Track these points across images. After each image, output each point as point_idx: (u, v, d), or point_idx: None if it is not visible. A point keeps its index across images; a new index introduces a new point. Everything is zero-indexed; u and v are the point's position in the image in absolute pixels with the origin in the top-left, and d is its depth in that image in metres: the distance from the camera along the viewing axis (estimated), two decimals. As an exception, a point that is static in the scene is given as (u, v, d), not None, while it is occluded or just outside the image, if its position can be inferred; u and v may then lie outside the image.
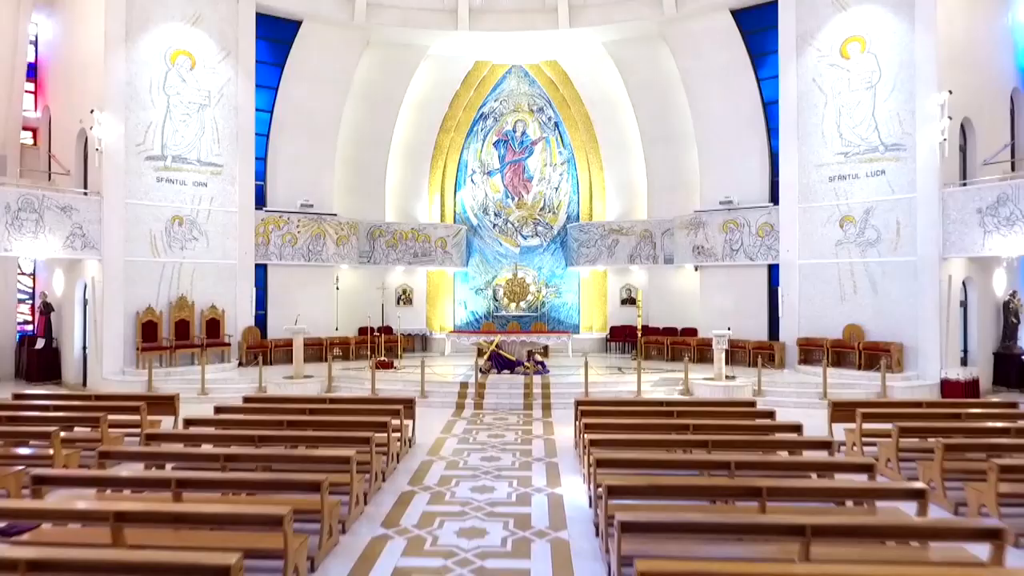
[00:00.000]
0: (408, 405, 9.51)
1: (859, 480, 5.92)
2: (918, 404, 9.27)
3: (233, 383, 13.78)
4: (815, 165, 14.85)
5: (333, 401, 9.52)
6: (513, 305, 20.05)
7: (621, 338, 18.63)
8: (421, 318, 19.56)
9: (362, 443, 7.03)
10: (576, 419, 9.31)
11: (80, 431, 8.67)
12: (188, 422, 8.06)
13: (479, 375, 13.48)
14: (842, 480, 6.12)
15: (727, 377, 13.21)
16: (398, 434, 8.65)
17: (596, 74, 19.12)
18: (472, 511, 6.60)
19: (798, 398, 12.71)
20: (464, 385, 13.04)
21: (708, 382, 12.97)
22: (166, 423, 9.70)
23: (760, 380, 12.94)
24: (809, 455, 7.02)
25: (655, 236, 18.19)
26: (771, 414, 8.53)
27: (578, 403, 9.35)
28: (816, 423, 10.69)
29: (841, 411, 9.11)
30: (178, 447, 7.25)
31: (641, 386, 12.81)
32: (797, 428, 7.60)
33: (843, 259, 14.41)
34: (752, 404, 9.33)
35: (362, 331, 17.79)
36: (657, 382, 13.40)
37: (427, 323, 19.66)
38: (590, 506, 6.66)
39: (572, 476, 7.87)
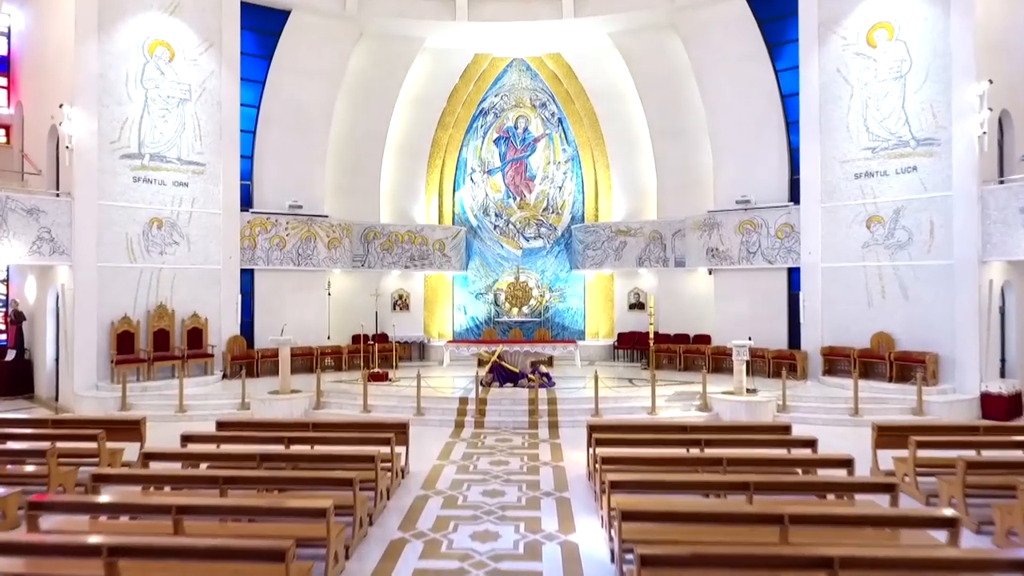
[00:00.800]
0: (401, 430, 8.52)
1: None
2: (975, 429, 8.27)
3: (215, 399, 12.78)
4: (839, 161, 13.84)
5: (317, 427, 8.52)
6: (515, 310, 19.06)
7: (629, 345, 17.63)
8: (418, 325, 18.56)
9: (345, 485, 6.03)
10: (589, 445, 8.33)
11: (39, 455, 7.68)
12: (148, 456, 7.05)
13: (480, 388, 12.49)
14: (918, 540, 5.13)
15: (748, 391, 12.22)
16: (388, 465, 7.66)
17: (602, 67, 18.12)
18: (473, 567, 5.60)
19: (826, 414, 11.71)
20: (464, 401, 12.03)
21: (728, 397, 11.98)
22: (131, 451, 8.69)
23: (785, 394, 11.94)
24: (866, 502, 6.03)
25: (665, 238, 17.19)
26: (811, 443, 7.53)
27: (591, 427, 8.36)
28: (850, 446, 9.71)
29: (888, 436, 8.11)
30: (131, 490, 6.25)
31: (656, 401, 11.82)
32: (847, 463, 6.60)
33: (870, 262, 13.41)
34: (786, 429, 8.33)
35: (356, 339, 16.78)
36: (672, 397, 12.40)
37: (425, 330, 18.66)
38: (612, 561, 5.66)
39: (587, 517, 6.87)
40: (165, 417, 11.99)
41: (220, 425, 8.64)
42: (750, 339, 12.56)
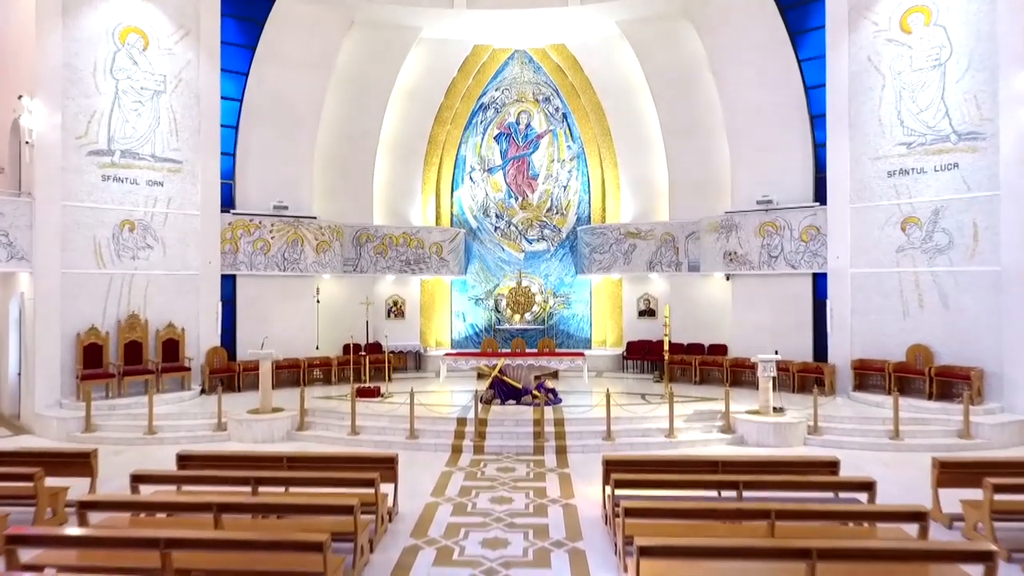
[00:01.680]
0: (388, 465, 7.40)
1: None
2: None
3: (189, 418, 11.65)
4: (870, 158, 12.72)
5: (293, 463, 7.39)
6: (517, 317, 17.95)
7: (639, 355, 16.50)
8: (414, 333, 17.44)
9: (314, 550, 4.91)
10: (605, 482, 7.21)
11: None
12: (84, 506, 5.92)
13: (479, 405, 11.37)
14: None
15: (775, 410, 11.10)
16: (372, 510, 6.53)
17: (609, 58, 17.00)
18: (469, 660, 4.48)
19: (862, 437, 10.58)
20: (461, 422, 10.90)
21: (753, 417, 10.87)
22: (78, 488, 7.55)
23: (816, 414, 10.81)
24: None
25: (678, 240, 16.06)
26: (867, 486, 6.40)
27: (607, 463, 7.24)
28: (894, 475, 8.62)
29: (952, 474, 6.98)
30: (52, 555, 5.13)
31: (673, 421, 10.69)
32: (918, 516, 5.47)
33: (906, 268, 12.29)
34: (833, 465, 7.20)
35: (347, 349, 15.64)
36: (691, 416, 11.27)
37: (421, 338, 17.54)
38: (643, 651, 4.54)
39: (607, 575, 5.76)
40: (133, 440, 10.88)
41: (182, 460, 7.51)
42: (777, 353, 11.44)
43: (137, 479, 6.80)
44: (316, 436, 11.09)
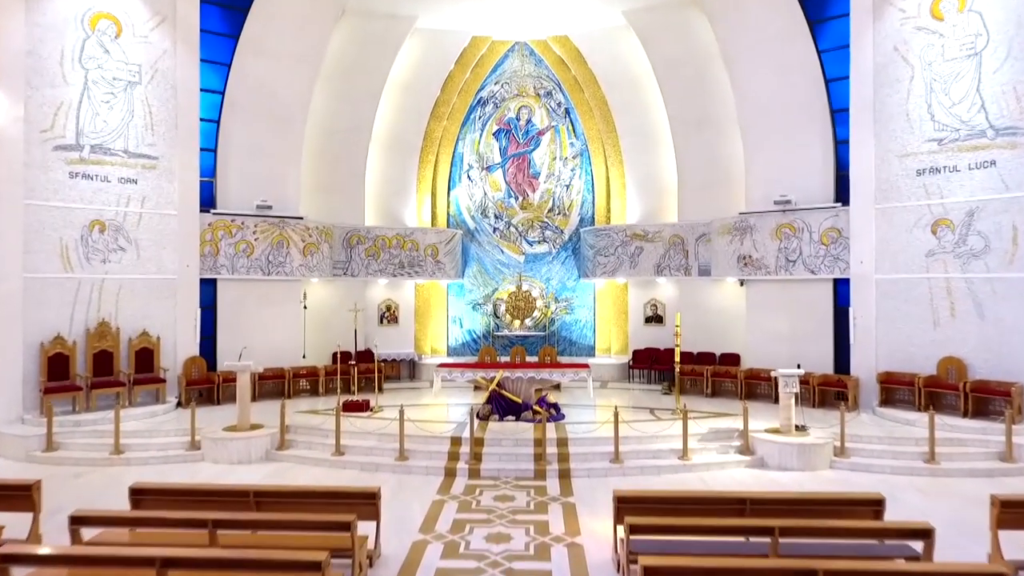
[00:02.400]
0: (369, 500, 6.48)
1: None
2: None
3: (160, 435, 10.74)
4: (898, 155, 11.81)
5: (261, 500, 6.47)
6: (517, 323, 17.05)
7: (646, 364, 15.58)
8: (408, 340, 16.52)
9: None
10: (616, 520, 6.32)
11: None
12: (6, 560, 5.01)
13: (476, 423, 10.48)
14: None
15: (797, 428, 10.19)
16: (346, 561, 5.62)
17: (615, 50, 16.09)
18: None
19: (894, 460, 9.65)
20: (456, 442, 9.99)
21: (774, 437, 9.95)
22: (16, 525, 6.62)
23: (843, 434, 9.89)
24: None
25: (687, 243, 15.15)
26: (925, 533, 5.49)
27: (619, 499, 6.33)
28: (932, 506, 7.70)
29: (1015, 513, 6.06)
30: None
31: (687, 441, 9.78)
32: (998, 578, 4.56)
33: (936, 273, 11.38)
34: (878, 504, 6.29)
35: (337, 358, 14.70)
36: (706, 436, 10.35)
37: (415, 345, 16.63)
38: None
39: (623, 650, 4.85)
40: (96, 461, 9.97)
41: (136, 495, 6.59)
42: (799, 367, 10.54)
43: (78, 521, 5.88)
44: (297, 456, 10.18)
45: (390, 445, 10.04)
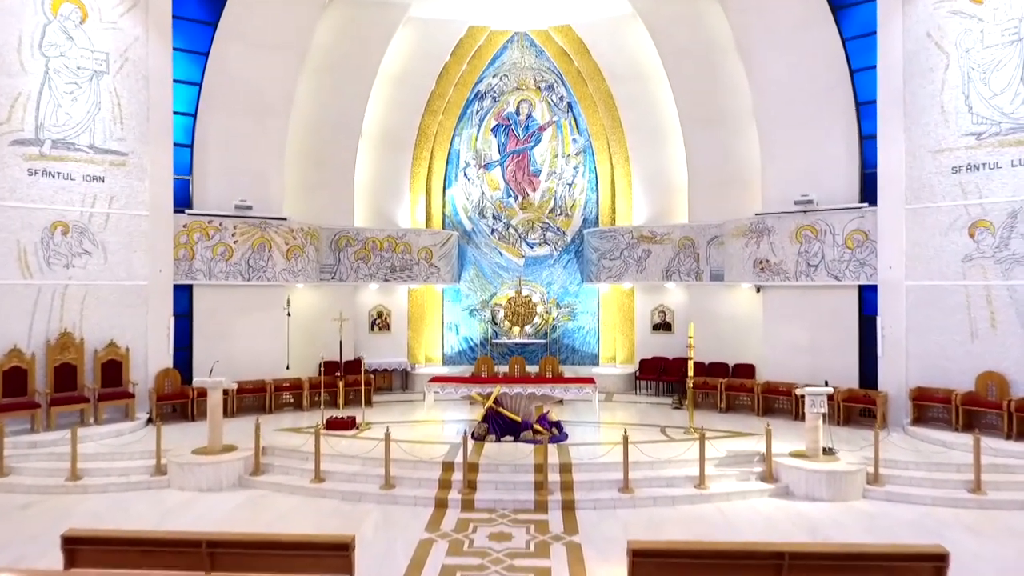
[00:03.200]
0: (341, 553, 5.51)
1: None
2: None
3: (123, 458, 9.77)
4: (931, 151, 10.84)
5: (215, 552, 5.50)
6: (516, 330, 16.10)
7: (654, 375, 14.61)
8: (401, 348, 15.56)
9: None
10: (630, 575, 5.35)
11: None
12: None
13: (471, 444, 9.53)
14: None
15: (824, 451, 9.22)
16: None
17: (621, 40, 15.12)
18: None
19: (934, 489, 8.68)
20: (448, 467, 9.03)
21: (800, 463, 8.99)
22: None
23: (877, 459, 8.92)
24: None
25: (698, 245, 14.18)
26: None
27: (634, 554, 5.35)
28: (990, 552, 6.76)
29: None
30: None
31: (704, 466, 8.81)
32: None
33: (974, 280, 10.40)
34: (940, 560, 5.31)
35: (324, 368, 13.68)
36: (724, 460, 9.38)
37: (409, 354, 15.67)
38: None
39: None
40: (50, 488, 8.98)
41: (69, 545, 5.62)
42: (826, 383, 9.58)
43: (-12, 584, 4.92)
44: (273, 483, 9.20)
45: (375, 471, 9.07)
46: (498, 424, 10.39)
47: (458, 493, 8.56)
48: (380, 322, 15.53)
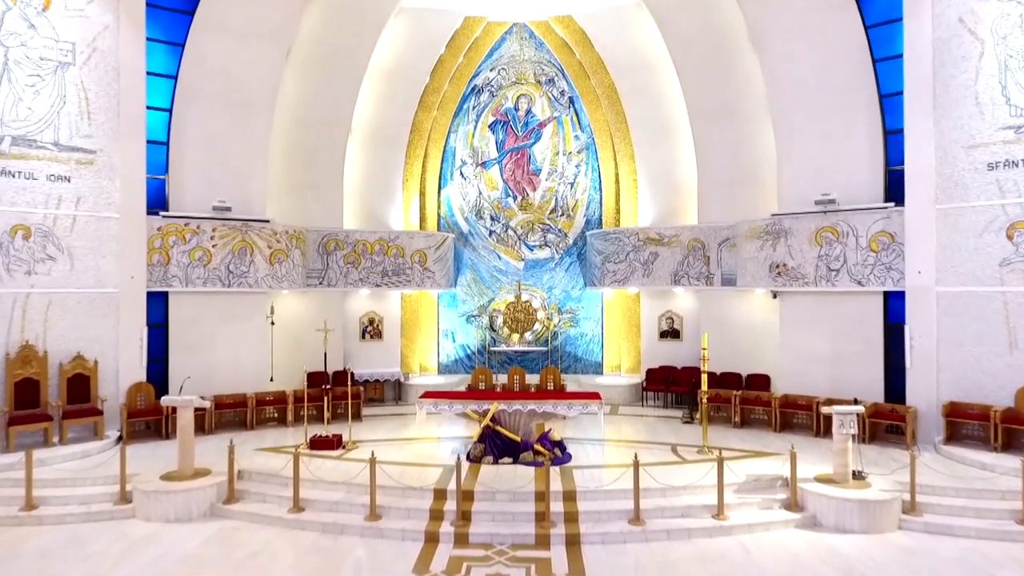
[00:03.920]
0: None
1: None
2: None
3: (85, 484, 8.93)
4: (964, 146, 9.99)
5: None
6: (516, 337, 15.28)
7: (661, 385, 13.78)
8: (394, 357, 14.73)
9: None
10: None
11: None
12: None
13: (466, 464, 8.72)
14: None
15: (854, 475, 8.39)
16: None
17: (626, 31, 14.30)
18: None
19: (978, 519, 7.84)
20: (440, 495, 8.20)
21: (828, 489, 8.15)
22: None
23: (913, 485, 8.08)
24: None
25: (709, 248, 13.34)
26: None
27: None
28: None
29: None
30: None
31: (723, 492, 7.97)
32: None
33: (1014, 287, 9.57)
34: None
35: (312, 379, 12.81)
36: (744, 485, 8.55)
37: (402, 363, 14.84)
38: None
39: None
40: (2, 520, 8.15)
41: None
42: (856, 401, 8.75)
43: None
44: (248, 512, 8.36)
45: (360, 499, 8.24)
46: (496, 444, 9.56)
47: (451, 526, 7.72)
48: (371, 330, 14.69)
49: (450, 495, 8.13)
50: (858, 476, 8.46)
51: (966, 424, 9.88)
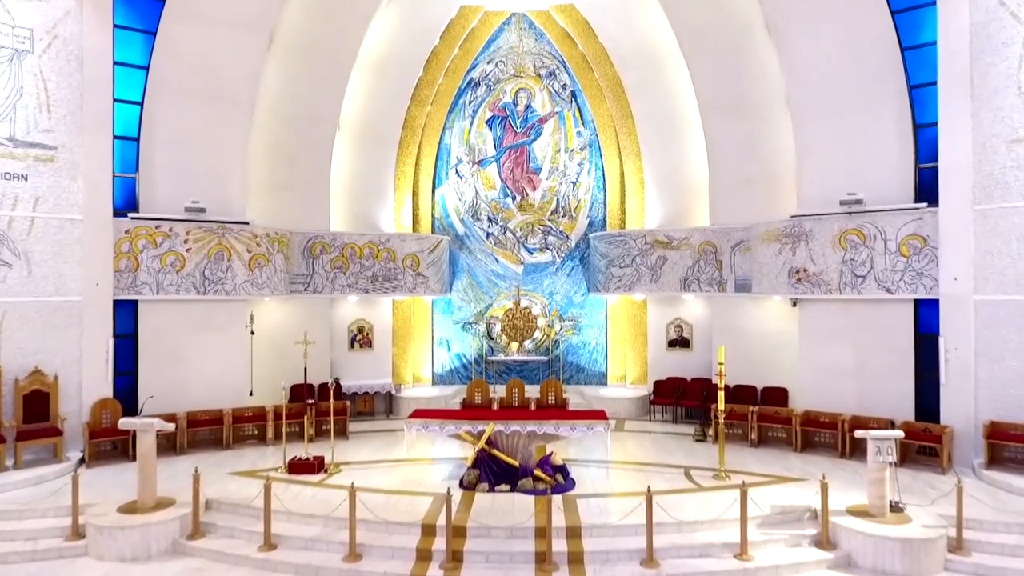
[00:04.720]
0: None
1: None
2: None
3: (34, 517, 8.04)
4: (1005, 141, 9.12)
5: None
6: (515, 345, 14.41)
7: (670, 398, 12.90)
8: (385, 368, 13.84)
9: None
10: None
11: None
12: None
13: (460, 493, 7.83)
14: None
15: (892, 507, 7.50)
16: None
17: (631, 21, 13.44)
18: None
19: (1036, 559, 6.96)
20: (428, 531, 7.32)
21: (863, 525, 7.26)
22: None
23: (960, 520, 7.19)
24: None
25: (721, 252, 12.47)
26: None
27: None
28: None
29: None
30: None
31: (746, 527, 7.08)
32: None
33: (1061, 296, 8.69)
34: None
35: (297, 392, 11.96)
36: (768, 518, 7.66)
37: (394, 374, 13.96)
38: None
39: None
40: (-65, 559, 7.28)
41: None
42: (893, 424, 7.88)
43: None
44: (214, 550, 7.46)
45: (339, 535, 7.35)
46: (492, 470, 8.67)
47: (439, 568, 6.84)
48: (361, 338, 13.80)
49: (440, 531, 7.25)
50: (896, 508, 7.58)
51: (1009, 446, 9.00)
